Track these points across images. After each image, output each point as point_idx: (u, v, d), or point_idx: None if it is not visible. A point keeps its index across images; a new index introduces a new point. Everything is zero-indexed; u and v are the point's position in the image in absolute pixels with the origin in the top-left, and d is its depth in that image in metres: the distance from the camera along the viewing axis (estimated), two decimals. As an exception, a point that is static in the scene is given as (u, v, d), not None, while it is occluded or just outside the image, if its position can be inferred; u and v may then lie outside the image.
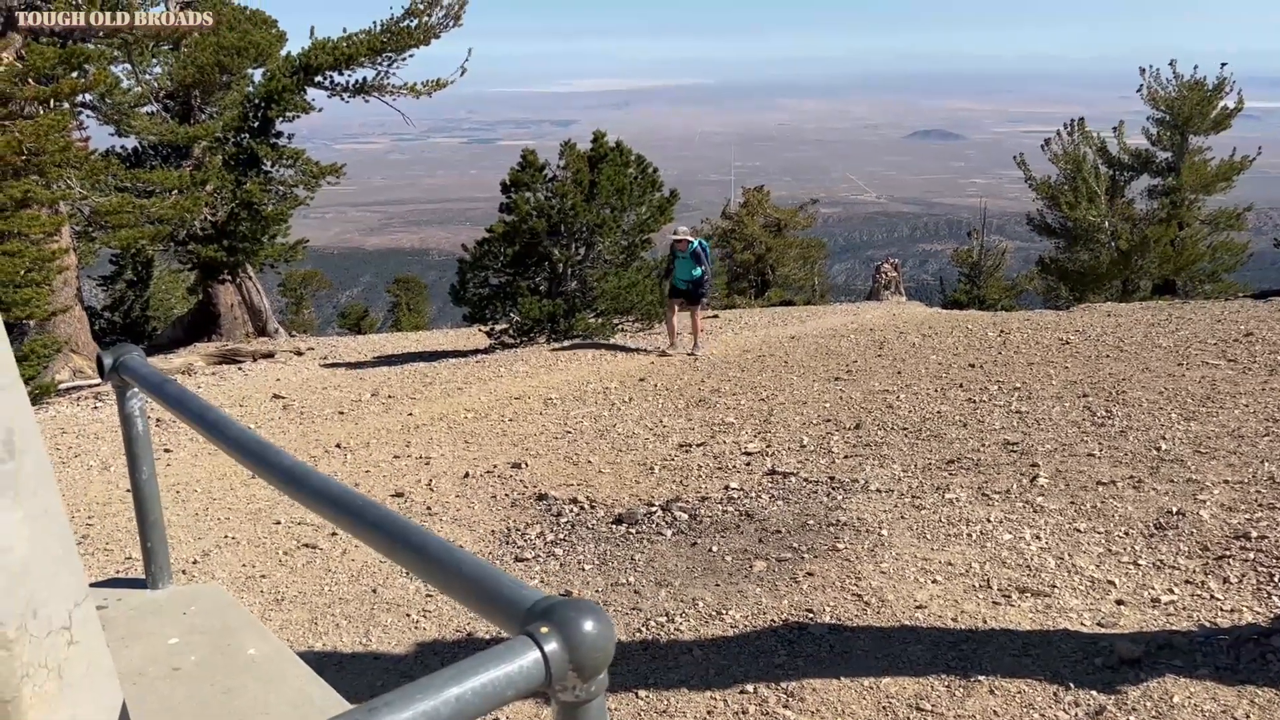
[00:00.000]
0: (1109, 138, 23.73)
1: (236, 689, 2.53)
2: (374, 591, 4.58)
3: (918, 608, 3.93)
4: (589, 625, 1.24)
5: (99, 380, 13.32)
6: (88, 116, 15.82)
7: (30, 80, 12.52)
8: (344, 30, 17.91)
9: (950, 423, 6.89)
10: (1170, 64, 22.38)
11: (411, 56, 18.36)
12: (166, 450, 8.28)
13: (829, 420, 7.36)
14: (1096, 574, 4.15)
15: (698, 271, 11.54)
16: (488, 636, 3.99)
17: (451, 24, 18.14)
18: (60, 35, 14.03)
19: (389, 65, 18.20)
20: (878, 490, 5.44)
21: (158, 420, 9.79)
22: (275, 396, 10.70)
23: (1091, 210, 22.39)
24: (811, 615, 3.95)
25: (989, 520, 4.81)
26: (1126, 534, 4.54)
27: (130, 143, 17.57)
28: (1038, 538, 4.56)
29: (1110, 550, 4.38)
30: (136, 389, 2.84)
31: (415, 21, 17.77)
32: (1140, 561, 4.25)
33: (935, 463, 5.92)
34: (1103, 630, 3.68)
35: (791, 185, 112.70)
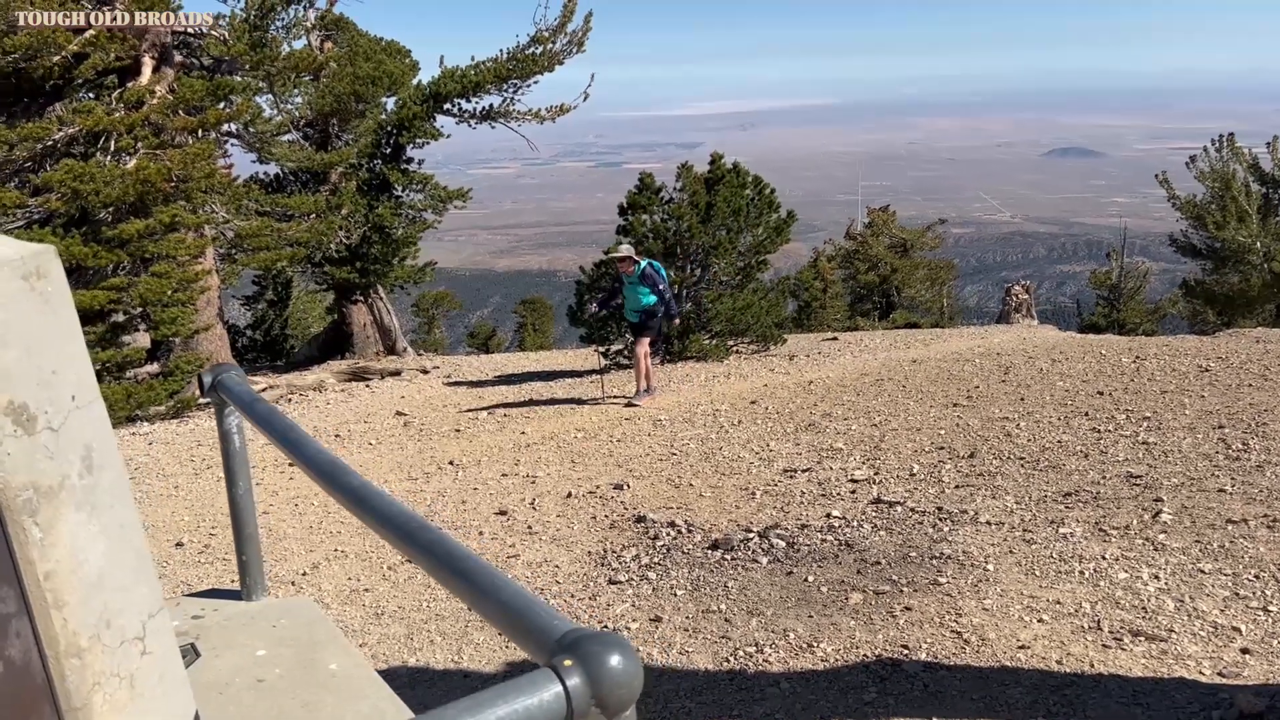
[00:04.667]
0: (1262, 154, 22.41)
1: (315, 703, 2.59)
2: (469, 609, 4.63)
3: (1020, 648, 3.74)
4: (614, 660, 1.21)
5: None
6: (232, 145, 16.71)
7: (180, 111, 13.32)
8: (472, 59, 18.45)
9: (1071, 453, 6.58)
10: (1331, 74, 21.00)
11: (536, 83, 18.76)
12: (290, 464, 8.61)
13: (942, 448, 7.12)
14: (1220, 619, 3.88)
15: (650, 299, 9.99)
16: (575, 659, 3.98)
17: (575, 50, 18.46)
18: (208, 69, 14.90)
19: (514, 92, 18.64)
20: (987, 522, 5.23)
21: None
22: (398, 413, 11.03)
23: (1241, 230, 21.18)
24: (907, 652, 3.81)
25: (1104, 557, 4.56)
26: (1257, 577, 4.23)
27: (271, 169, 18.50)
28: (1156, 578, 4.29)
29: (1237, 594, 4.09)
30: (233, 407, 2.96)
31: (540, 49, 18.15)
32: (1270, 608, 3.95)
33: (1051, 495, 5.65)
34: (1223, 680, 3.43)
35: (921, 205, 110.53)
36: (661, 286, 9.96)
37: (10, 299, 1.32)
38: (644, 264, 10.02)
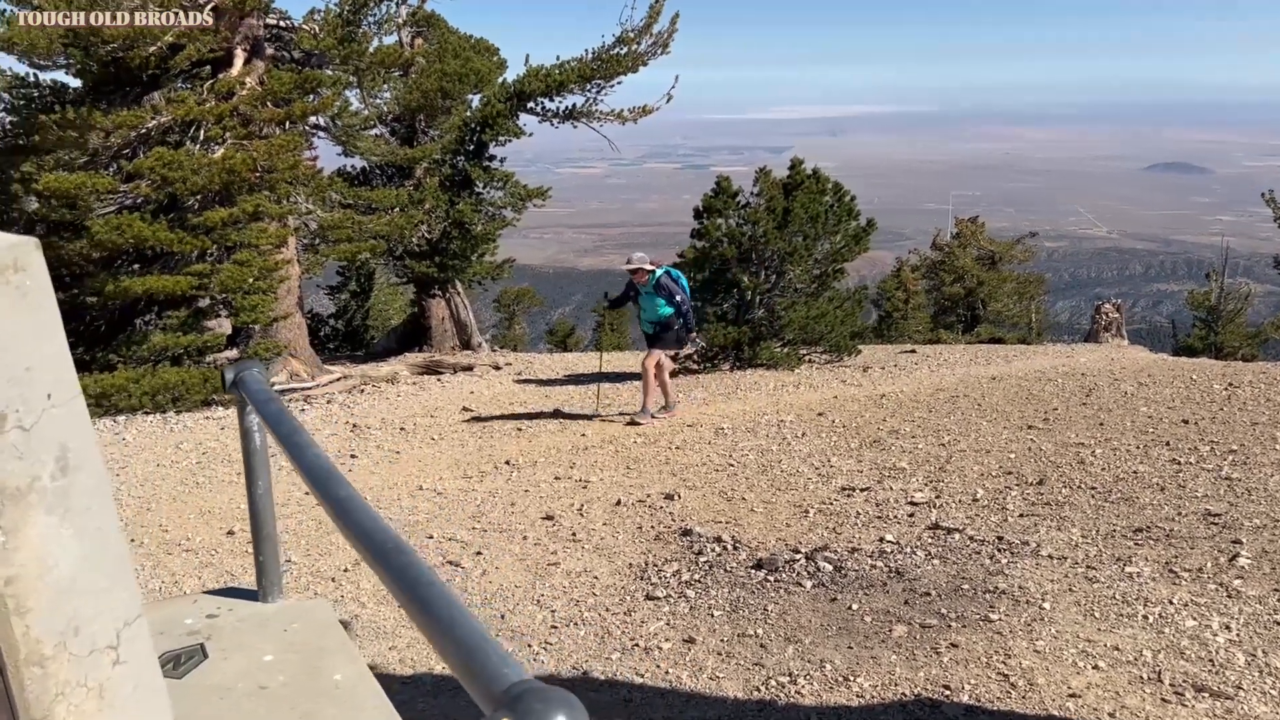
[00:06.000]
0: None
1: (313, 713, 2.54)
2: (502, 617, 4.57)
3: (1070, 696, 3.51)
4: (559, 723, 1.11)
5: (311, 384, 14.25)
6: (320, 138, 17.02)
7: (268, 103, 13.60)
8: (557, 58, 18.52)
9: (1146, 485, 6.24)
10: None
11: (620, 83, 18.74)
12: (353, 456, 8.70)
13: (1010, 473, 6.83)
14: (1295, 678, 3.59)
15: (667, 310, 9.29)
16: (603, 678, 3.89)
17: (660, 51, 18.37)
18: (298, 62, 15.20)
19: (597, 92, 18.64)
20: (1049, 556, 4.97)
21: (353, 427, 10.34)
22: (464, 409, 11.08)
23: (1352, 254, 20.13)
24: (948, 692, 3.61)
25: (1172, 602, 4.28)
26: (1340, 634, 3.92)
27: (359, 163, 18.80)
28: (1227, 627, 4.01)
29: (1317, 651, 3.79)
30: (251, 404, 2.93)
31: (625, 49, 18.12)
32: (1353, 669, 3.65)
33: (1121, 530, 5.35)
34: (1293, 747, 3.17)
35: (1014, 217, 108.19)
36: (679, 298, 9.24)
37: (-20, 291, 1.27)
38: (659, 272, 9.34)
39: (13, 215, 13.86)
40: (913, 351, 16.37)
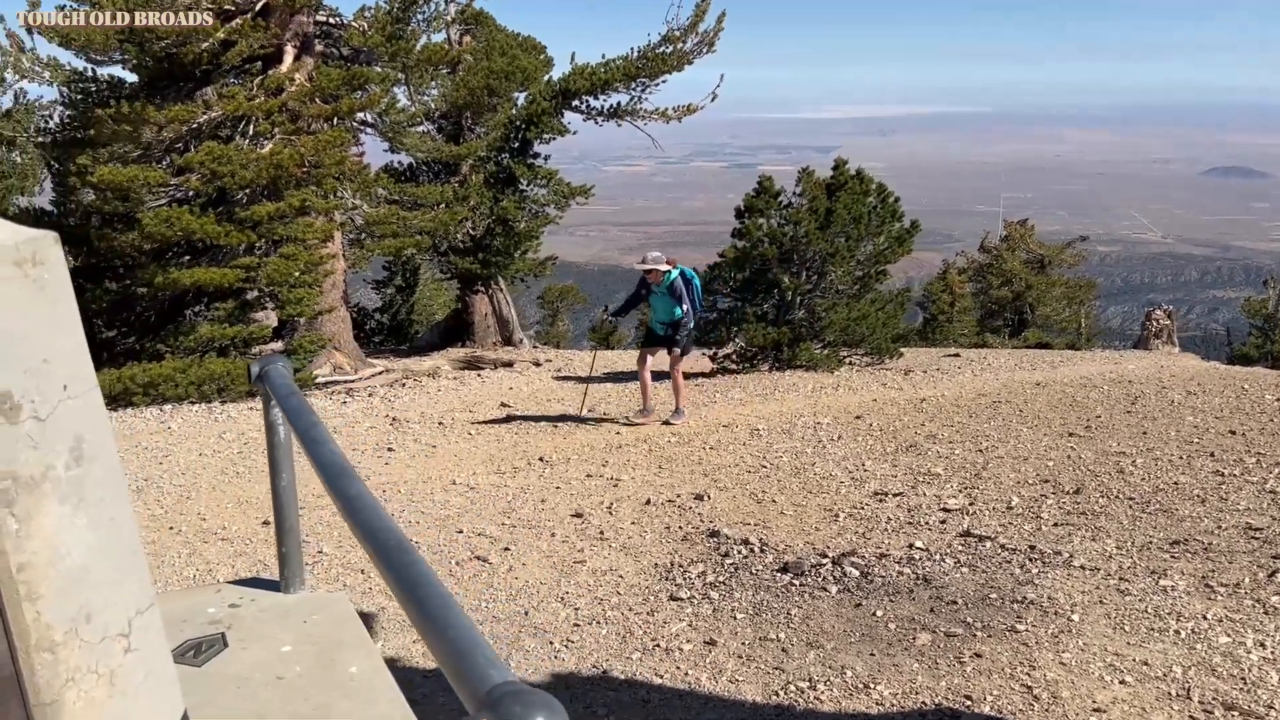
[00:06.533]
0: None
1: (326, 705, 2.57)
2: (525, 614, 4.59)
3: (1095, 710, 3.45)
4: (537, 725, 1.12)
5: (355, 376, 14.41)
6: (367, 134, 17.19)
7: (317, 99, 13.78)
8: (603, 56, 18.56)
9: (1187, 497, 6.11)
10: None
11: (664, 82, 18.72)
12: (389, 449, 8.78)
13: (1047, 481, 6.73)
14: (1331, 699, 3.51)
15: (679, 311, 9.21)
16: (622, 677, 3.89)
17: (706, 50, 18.33)
18: (347, 59, 15.38)
19: (642, 90, 18.64)
20: (1081, 567, 4.88)
21: (393, 420, 10.45)
22: (502, 404, 11.16)
23: None
24: (969, 703, 3.56)
25: (1206, 617, 4.19)
26: (1380, 655, 3.81)
27: (405, 159, 18.98)
28: (1262, 645, 3.91)
29: (1354, 672, 3.69)
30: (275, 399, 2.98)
31: (671, 48, 18.10)
32: (1392, 691, 3.55)
33: (1157, 542, 5.25)
34: (1324, 771, 3.09)
35: (1066, 220, 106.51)
36: (685, 306, 9.16)
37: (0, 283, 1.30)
38: (675, 274, 9.21)
39: (70, 206, 14.20)
40: (957, 355, 16.18)
